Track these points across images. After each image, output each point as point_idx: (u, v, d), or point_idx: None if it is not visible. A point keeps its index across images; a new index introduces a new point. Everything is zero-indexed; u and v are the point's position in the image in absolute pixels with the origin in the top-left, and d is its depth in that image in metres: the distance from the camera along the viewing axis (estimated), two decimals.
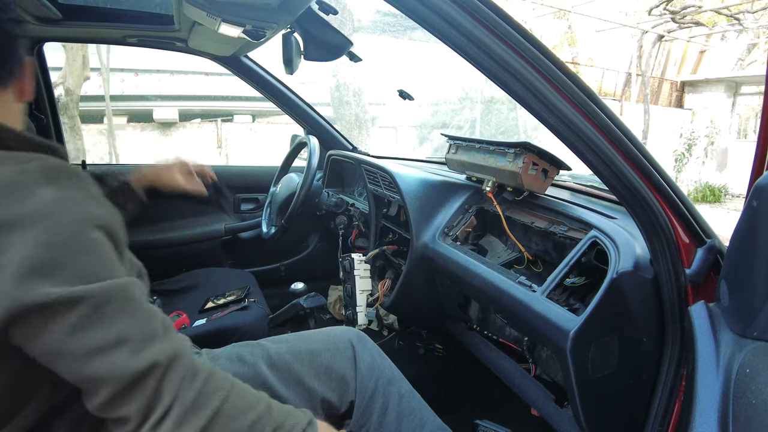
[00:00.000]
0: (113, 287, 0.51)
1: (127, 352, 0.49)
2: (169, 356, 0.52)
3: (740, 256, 0.65)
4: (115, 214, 0.57)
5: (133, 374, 0.49)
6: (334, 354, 0.88)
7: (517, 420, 1.13)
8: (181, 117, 7.16)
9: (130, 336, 0.50)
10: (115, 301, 0.50)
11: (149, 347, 0.51)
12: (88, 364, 0.49)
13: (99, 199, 0.56)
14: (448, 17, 0.58)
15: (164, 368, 0.51)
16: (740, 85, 9.93)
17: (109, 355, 0.49)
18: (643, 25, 9.42)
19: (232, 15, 1.02)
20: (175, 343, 0.54)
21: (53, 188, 0.50)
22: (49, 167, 0.53)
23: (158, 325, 0.54)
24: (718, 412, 0.59)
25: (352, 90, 6.03)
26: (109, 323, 0.49)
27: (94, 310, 0.49)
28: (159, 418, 0.50)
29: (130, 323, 0.51)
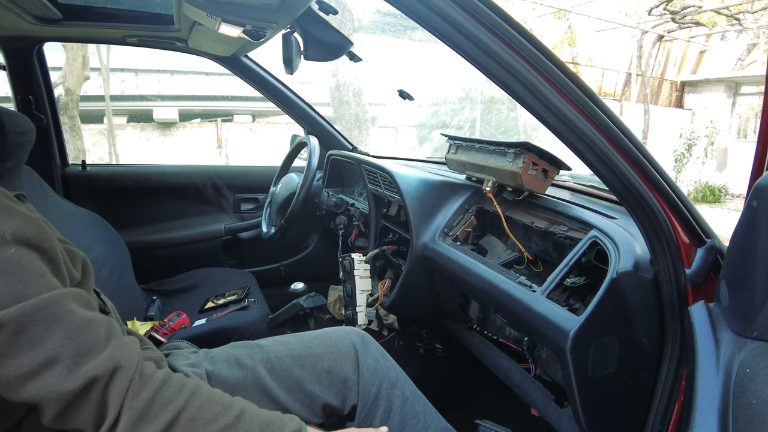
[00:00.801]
0: (37, 305, 0.48)
1: (60, 372, 0.48)
2: (109, 369, 0.50)
3: (740, 256, 0.65)
4: (36, 222, 0.53)
5: (71, 394, 0.48)
6: (336, 358, 0.86)
7: (517, 420, 1.13)
8: (181, 117, 7.16)
9: (61, 354, 0.48)
10: (41, 319, 0.48)
11: (85, 363, 0.49)
12: (22, 388, 0.47)
13: (12, 210, 0.52)
14: (448, 17, 0.58)
15: (105, 382, 0.50)
16: (740, 85, 9.93)
17: (42, 377, 0.47)
18: (643, 25, 9.42)
19: (232, 15, 1.02)
20: (117, 353, 0.51)
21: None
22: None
23: (96, 336, 0.51)
24: (718, 412, 0.59)
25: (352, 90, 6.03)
26: (36, 344, 0.47)
27: (17, 333, 0.47)
28: (109, 429, 0.49)
29: (60, 340, 0.48)
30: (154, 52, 1.71)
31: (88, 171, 1.80)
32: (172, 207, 1.93)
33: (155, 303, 1.43)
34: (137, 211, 1.87)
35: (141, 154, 6.62)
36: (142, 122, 6.96)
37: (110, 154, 6.17)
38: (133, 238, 1.76)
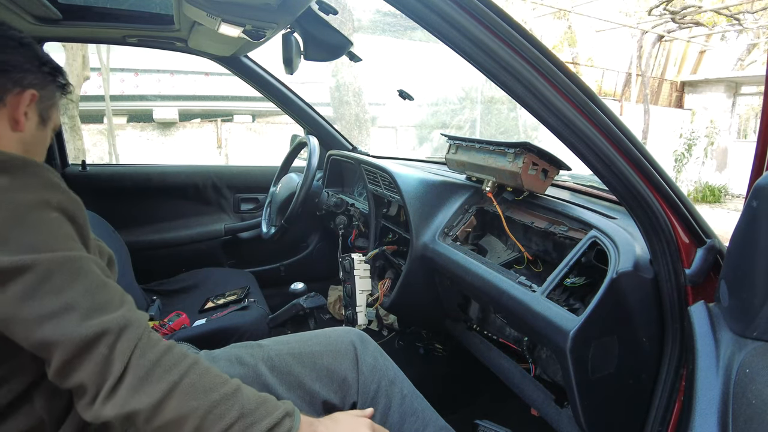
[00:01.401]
0: (64, 258, 0.53)
1: (75, 319, 0.52)
2: (120, 325, 0.53)
3: (740, 256, 0.65)
4: (75, 201, 0.60)
5: (82, 340, 0.51)
6: (335, 356, 0.87)
7: (517, 420, 1.13)
8: (181, 117, 7.17)
9: (79, 304, 0.53)
10: (66, 270, 0.53)
11: (99, 316, 0.53)
12: (38, 329, 0.51)
13: (58, 185, 0.59)
14: (447, 17, 0.58)
15: (115, 336, 0.53)
16: (740, 85, 9.93)
17: (58, 320, 0.51)
18: (643, 25, 9.42)
19: (232, 15, 1.02)
20: (129, 315, 0.55)
21: (7, 176, 0.55)
22: (6, 159, 0.58)
23: (113, 298, 0.56)
24: (718, 412, 0.59)
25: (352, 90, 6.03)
26: (59, 291, 0.52)
27: (44, 277, 0.52)
28: (112, 386, 0.52)
29: (80, 292, 0.53)
30: (154, 52, 1.72)
31: (88, 171, 1.80)
32: (172, 207, 1.93)
33: (155, 303, 1.43)
34: (137, 211, 1.87)
35: (141, 154, 6.62)
36: (142, 122, 6.97)
37: (110, 154, 6.17)
38: (133, 238, 1.76)
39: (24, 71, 0.66)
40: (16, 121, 0.65)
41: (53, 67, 0.71)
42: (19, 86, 0.65)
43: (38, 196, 0.55)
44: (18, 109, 0.65)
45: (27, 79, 0.66)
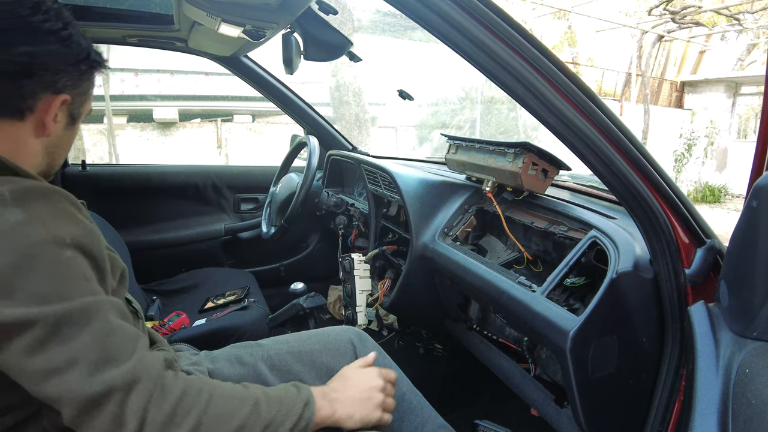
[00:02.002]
0: (76, 308, 0.50)
1: (80, 374, 0.49)
2: (129, 381, 0.51)
3: (740, 256, 0.65)
4: (93, 232, 0.56)
5: (87, 398, 0.49)
6: (334, 354, 0.88)
7: (517, 420, 1.13)
8: (181, 117, 7.16)
9: (85, 358, 0.50)
10: (75, 321, 0.50)
11: (105, 371, 0.50)
12: (43, 384, 0.49)
13: (74, 217, 0.55)
14: (448, 17, 0.58)
15: (123, 393, 0.51)
16: (740, 85, 9.93)
17: (63, 376, 0.49)
18: (643, 25, 9.42)
19: (232, 15, 1.02)
20: (139, 366, 0.53)
21: (21, 210, 0.50)
22: (21, 189, 0.52)
23: (122, 347, 0.53)
24: (718, 412, 0.59)
25: (352, 90, 6.03)
26: (65, 344, 0.49)
27: (52, 331, 0.49)
28: None
29: (88, 343, 0.50)
30: (154, 52, 1.71)
31: (88, 171, 1.80)
32: (172, 207, 1.93)
33: (155, 303, 1.43)
34: (137, 211, 1.87)
35: (141, 154, 6.62)
36: (142, 122, 6.96)
37: (110, 154, 6.17)
38: (133, 238, 1.76)
39: (58, 73, 0.59)
40: (43, 127, 0.60)
41: (94, 61, 0.65)
42: (51, 90, 0.59)
43: (52, 232, 0.51)
44: (48, 115, 0.60)
45: (60, 83, 0.60)
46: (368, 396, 0.72)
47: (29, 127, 0.59)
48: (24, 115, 0.58)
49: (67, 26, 0.60)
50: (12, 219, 0.49)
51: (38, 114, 0.59)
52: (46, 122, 0.60)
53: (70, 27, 0.60)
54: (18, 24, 0.56)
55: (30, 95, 0.58)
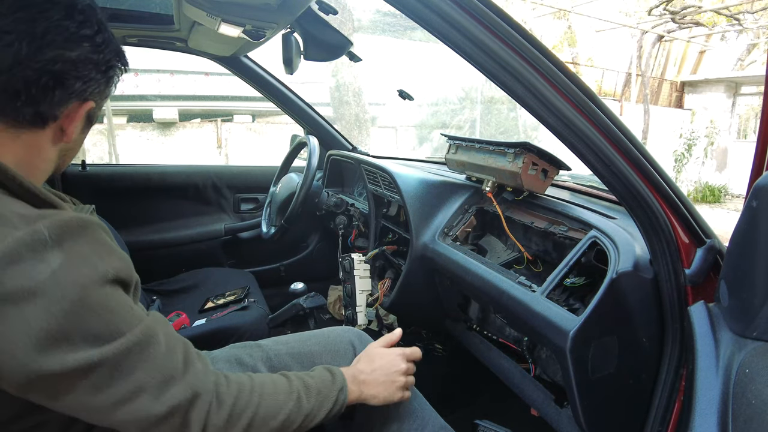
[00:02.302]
0: (131, 341, 0.51)
1: (147, 399, 0.52)
2: (189, 397, 0.55)
3: (740, 256, 0.65)
4: (125, 259, 0.55)
5: (157, 417, 0.53)
6: (334, 356, 0.88)
7: (517, 420, 1.13)
8: (181, 117, 7.16)
9: (149, 383, 0.52)
10: (134, 353, 0.51)
11: (168, 390, 0.53)
12: (113, 414, 0.51)
13: (110, 248, 0.53)
14: (448, 17, 0.58)
15: (186, 407, 0.55)
16: (740, 85, 9.93)
17: (132, 404, 0.51)
18: (643, 25, 9.42)
19: (232, 15, 1.02)
20: (194, 380, 0.56)
21: (62, 251, 0.48)
22: (59, 225, 0.49)
23: (176, 364, 0.55)
24: (718, 412, 0.59)
25: (352, 90, 6.03)
26: (129, 376, 0.51)
27: (113, 368, 0.50)
28: None
29: (148, 371, 0.52)
30: (154, 52, 1.71)
31: (88, 171, 1.80)
32: (172, 207, 1.93)
33: (155, 303, 1.43)
34: (137, 211, 1.87)
35: (141, 154, 6.62)
36: (142, 122, 6.96)
37: (110, 154, 6.17)
38: (133, 238, 1.76)
39: (89, 81, 0.56)
40: (64, 134, 0.57)
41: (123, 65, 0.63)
42: (80, 98, 0.56)
43: (96, 271, 0.50)
44: (72, 123, 0.57)
45: (89, 90, 0.57)
46: (392, 379, 0.78)
47: (48, 134, 0.56)
48: (47, 124, 0.55)
49: (101, 30, 0.57)
50: (55, 263, 0.47)
51: (61, 121, 0.56)
52: (68, 130, 0.57)
53: (104, 31, 0.57)
54: (51, 29, 0.52)
55: (58, 105, 0.55)
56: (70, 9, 0.54)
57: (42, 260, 0.47)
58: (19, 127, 0.54)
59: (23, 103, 0.52)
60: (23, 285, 0.45)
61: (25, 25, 0.51)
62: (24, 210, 0.49)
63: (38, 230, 0.47)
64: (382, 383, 0.77)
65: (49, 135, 0.56)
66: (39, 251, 0.47)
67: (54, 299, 0.46)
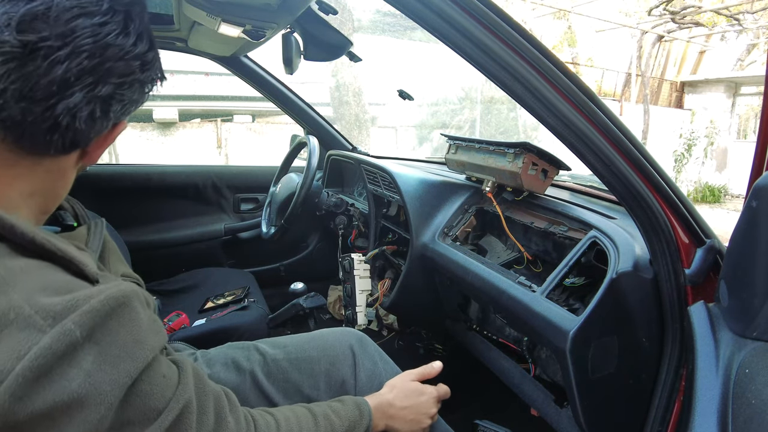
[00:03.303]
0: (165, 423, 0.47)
1: None
2: None
3: (740, 256, 0.65)
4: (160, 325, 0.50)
5: None
6: (333, 361, 0.86)
7: (517, 420, 1.13)
8: (181, 117, 7.15)
9: None
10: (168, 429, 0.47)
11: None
12: None
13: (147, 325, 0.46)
14: (448, 17, 0.58)
15: None
16: (740, 85, 9.93)
17: None
18: (643, 25, 9.42)
19: (232, 15, 1.02)
20: None
21: (95, 345, 0.41)
22: (91, 315, 0.40)
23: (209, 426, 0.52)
24: (718, 412, 0.59)
25: (352, 90, 6.03)
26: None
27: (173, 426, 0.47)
28: None
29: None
30: None
31: (88, 171, 1.80)
32: (172, 207, 1.93)
33: (155, 303, 1.43)
34: (137, 211, 1.87)
35: (141, 154, 6.62)
36: (142, 122, 6.96)
37: (110, 154, 6.17)
38: (133, 238, 1.76)
39: (133, 104, 0.50)
40: (91, 158, 0.51)
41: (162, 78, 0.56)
42: (116, 121, 0.50)
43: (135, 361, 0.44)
44: (102, 148, 0.51)
45: (128, 112, 0.51)
46: (420, 420, 0.77)
47: (73, 157, 0.49)
48: (75, 150, 0.48)
49: (152, 46, 0.50)
50: (87, 364, 0.40)
51: (94, 145, 0.50)
52: (96, 154, 0.51)
53: (154, 46, 0.50)
54: (108, 51, 0.44)
55: (97, 132, 0.48)
56: (127, 20, 0.46)
57: (73, 364, 0.39)
58: (43, 155, 0.46)
59: (60, 134, 0.44)
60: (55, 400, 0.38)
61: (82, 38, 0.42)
62: (48, 300, 0.39)
63: (68, 330, 0.39)
64: (409, 421, 0.76)
65: (74, 159, 0.49)
66: (70, 355, 0.39)
67: (92, 406, 0.40)
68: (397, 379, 0.82)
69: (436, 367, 0.86)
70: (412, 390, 0.79)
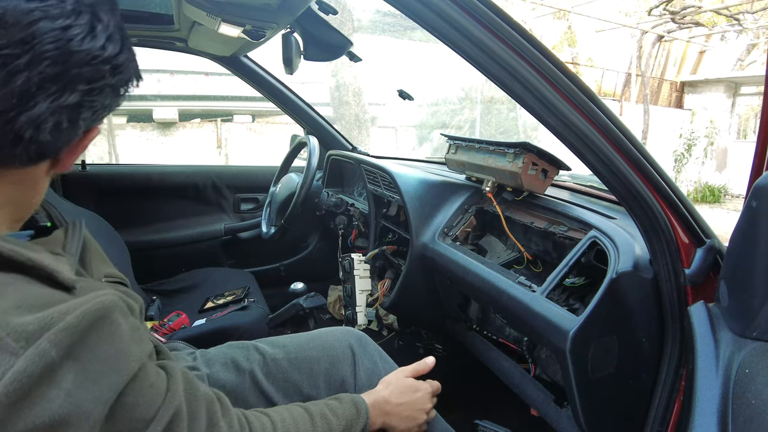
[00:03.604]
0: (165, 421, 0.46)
1: None
2: None
3: (740, 256, 0.65)
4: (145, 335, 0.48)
5: None
6: (332, 361, 0.86)
7: (517, 420, 1.13)
8: (181, 117, 7.15)
9: None
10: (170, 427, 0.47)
11: None
12: None
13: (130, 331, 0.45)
14: (448, 17, 0.58)
15: None
16: (740, 85, 9.93)
17: None
18: (643, 25, 9.42)
19: (232, 15, 1.02)
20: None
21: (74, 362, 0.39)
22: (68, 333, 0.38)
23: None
24: (718, 412, 0.59)
25: (352, 90, 6.03)
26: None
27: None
28: None
29: None
30: (154, 52, 1.71)
31: (88, 171, 1.80)
32: (172, 207, 1.93)
33: (155, 303, 1.43)
34: (137, 211, 1.87)
35: (141, 154, 6.62)
36: (142, 122, 6.96)
37: (110, 154, 6.17)
38: (133, 238, 1.76)
39: (103, 109, 0.46)
40: (59, 163, 0.48)
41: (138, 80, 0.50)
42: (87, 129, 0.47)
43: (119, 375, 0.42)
44: (74, 156, 0.48)
45: (100, 118, 0.47)
46: (416, 416, 0.78)
47: (43, 167, 0.46)
48: (44, 160, 0.46)
49: (124, 47, 0.46)
50: (68, 382, 0.38)
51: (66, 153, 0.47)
52: (68, 162, 0.48)
53: (126, 47, 0.46)
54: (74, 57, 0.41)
55: (66, 142, 0.45)
56: (94, 20, 0.42)
57: (51, 386, 0.37)
58: (8, 167, 0.43)
59: (23, 147, 0.41)
60: (36, 423, 0.36)
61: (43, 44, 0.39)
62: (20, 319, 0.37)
63: (43, 351, 0.37)
64: (405, 418, 0.77)
65: (44, 168, 0.47)
66: (48, 376, 0.37)
67: (75, 425, 0.38)
68: (391, 375, 0.82)
69: (429, 362, 0.86)
70: (408, 386, 0.80)
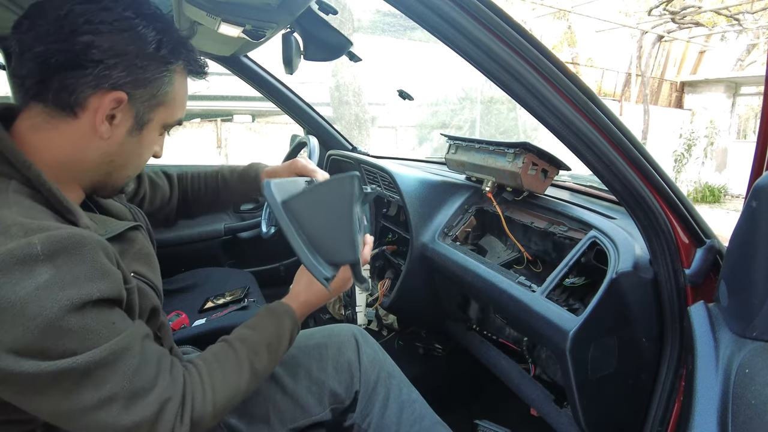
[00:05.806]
0: (103, 353, 0.50)
1: (115, 410, 0.51)
2: (156, 411, 0.54)
3: (739, 256, 0.65)
4: (116, 280, 0.54)
5: (123, 428, 0.52)
6: (339, 346, 0.91)
7: (516, 420, 1.13)
8: None
9: (119, 395, 0.52)
10: (106, 362, 0.51)
11: (137, 403, 0.53)
12: (80, 421, 0.51)
13: (104, 269, 0.52)
14: (448, 17, 0.58)
15: (152, 421, 0.54)
16: (740, 85, 9.93)
17: (99, 413, 0.51)
18: (643, 25, 9.42)
19: (232, 15, 1.02)
20: (163, 394, 0.55)
21: (52, 267, 0.48)
22: (54, 241, 0.48)
23: (150, 375, 0.55)
24: (718, 412, 0.59)
25: (352, 90, 6.03)
26: (98, 386, 0.50)
27: (84, 376, 0.49)
28: None
29: (119, 382, 0.52)
30: None
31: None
32: None
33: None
34: None
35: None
36: None
37: None
38: None
39: (113, 67, 0.54)
40: (94, 128, 0.56)
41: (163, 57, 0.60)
42: (104, 86, 0.55)
43: (80, 292, 0.49)
44: (97, 114, 0.55)
45: (114, 77, 0.55)
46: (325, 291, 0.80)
47: (86, 126, 0.56)
48: (76, 112, 0.55)
49: (138, 15, 0.56)
50: (41, 279, 0.47)
51: (90, 112, 0.55)
52: (95, 122, 0.56)
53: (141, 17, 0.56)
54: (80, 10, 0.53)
55: (77, 89, 0.54)
56: None
57: (29, 275, 0.46)
58: (52, 113, 0.55)
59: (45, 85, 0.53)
60: (4, 296, 0.45)
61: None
62: (29, 221, 0.49)
63: (31, 243, 0.47)
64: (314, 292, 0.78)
65: (85, 128, 0.56)
66: (28, 265, 0.46)
67: (32, 315, 0.46)
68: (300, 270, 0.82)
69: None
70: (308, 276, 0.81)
